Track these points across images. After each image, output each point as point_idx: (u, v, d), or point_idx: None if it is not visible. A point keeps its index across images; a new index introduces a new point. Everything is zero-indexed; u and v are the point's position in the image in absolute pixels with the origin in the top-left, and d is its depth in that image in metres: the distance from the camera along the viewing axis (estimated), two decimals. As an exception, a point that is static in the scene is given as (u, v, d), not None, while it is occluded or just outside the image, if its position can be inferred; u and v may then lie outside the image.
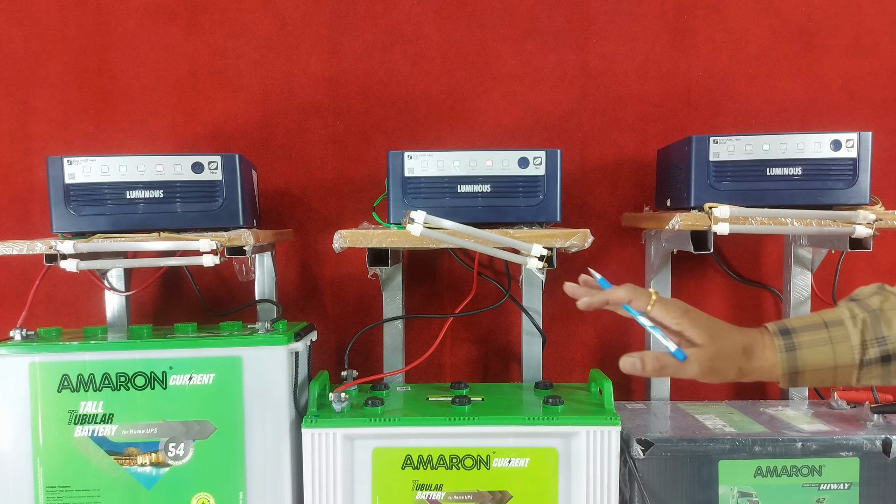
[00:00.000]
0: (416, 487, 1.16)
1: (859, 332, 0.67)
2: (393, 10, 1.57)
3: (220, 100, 1.58)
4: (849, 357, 0.67)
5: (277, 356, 1.20)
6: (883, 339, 0.66)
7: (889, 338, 0.66)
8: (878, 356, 0.66)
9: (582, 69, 1.58)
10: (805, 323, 0.70)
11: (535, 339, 1.46)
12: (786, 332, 0.70)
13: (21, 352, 1.17)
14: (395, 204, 1.26)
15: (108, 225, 1.23)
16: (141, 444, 1.18)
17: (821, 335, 0.68)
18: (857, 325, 0.67)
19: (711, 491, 1.16)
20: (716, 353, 0.70)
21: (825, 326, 0.68)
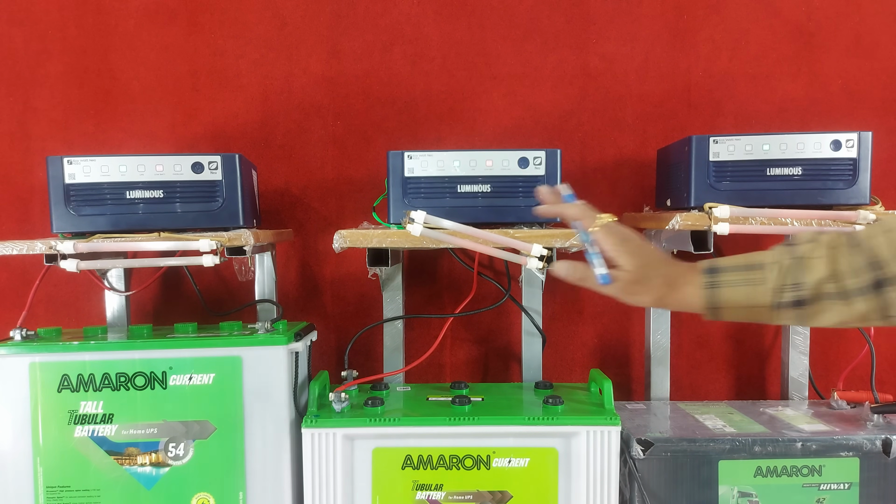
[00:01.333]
0: (416, 487, 1.16)
1: (777, 276, 0.71)
2: (393, 10, 1.57)
3: (220, 100, 1.58)
4: (764, 298, 0.72)
5: (277, 356, 1.20)
6: (799, 285, 0.70)
7: (805, 284, 0.70)
8: (792, 300, 0.70)
9: (582, 69, 1.58)
10: (732, 263, 0.75)
11: (535, 339, 1.46)
12: (712, 271, 0.75)
13: (21, 352, 1.17)
14: (395, 204, 1.26)
15: (108, 225, 1.23)
16: (141, 444, 1.18)
17: (742, 276, 0.73)
18: (777, 270, 0.71)
19: (711, 491, 1.16)
20: (637, 280, 0.76)
21: (748, 268, 0.73)
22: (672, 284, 0.76)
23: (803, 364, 1.46)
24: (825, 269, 0.69)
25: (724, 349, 1.63)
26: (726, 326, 1.62)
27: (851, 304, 0.69)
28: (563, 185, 0.84)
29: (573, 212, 0.79)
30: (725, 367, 1.64)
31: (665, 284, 0.76)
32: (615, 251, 0.76)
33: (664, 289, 0.76)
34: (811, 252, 0.71)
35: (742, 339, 1.63)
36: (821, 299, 0.70)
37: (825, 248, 0.71)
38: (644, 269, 0.76)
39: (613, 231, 0.77)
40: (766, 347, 1.63)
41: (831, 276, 0.69)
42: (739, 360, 1.63)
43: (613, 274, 0.76)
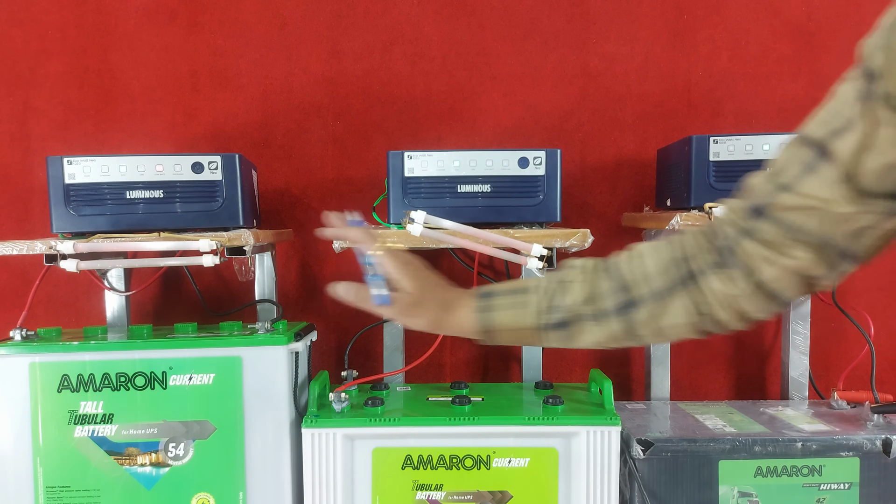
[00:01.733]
0: (416, 487, 1.16)
1: (540, 299, 0.75)
2: (393, 10, 1.57)
3: (220, 100, 1.58)
4: (530, 321, 0.75)
5: (277, 356, 1.20)
6: (559, 308, 0.74)
7: (564, 307, 0.74)
8: (554, 322, 0.74)
9: (582, 69, 1.58)
10: (503, 288, 0.78)
11: (535, 339, 1.46)
12: (485, 296, 0.78)
13: (21, 352, 1.17)
14: (395, 204, 1.26)
15: (108, 225, 1.23)
16: (141, 445, 1.18)
17: (510, 300, 0.76)
18: (541, 293, 0.75)
19: (711, 491, 1.16)
20: (414, 302, 0.78)
21: (515, 293, 0.77)
22: (447, 308, 0.78)
23: (803, 364, 1.46)
24: (582, 292, 0.73)
25: (724, 349, 1.63)
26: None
27: (604, 325, 0.73)
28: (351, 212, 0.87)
29: (354, 235, 0.82)
30: (725, 367, 1.64)
31: (441, 308, 0.78)
32: (397, 274, 0.79)
33: (440, 312, 0.78)
34: (572, 276, 0.75)
35: (742, 339, 1.63)
36: (579, 321, 0.73)
37: (583, 273, 0.75)
38: (422, 291, 0.78)
39: (395, 255, 0.79)
40: (766, 347, 1.63)
41: (587, 299, 0.73)
42: (739, 360, 1.63)
43: (392, 296, 0.79)
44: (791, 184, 0.63)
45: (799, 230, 0.63)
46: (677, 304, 0.70)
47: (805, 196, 0.62)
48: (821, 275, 0.65)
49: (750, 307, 0.69)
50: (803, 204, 0.62)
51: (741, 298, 0.68)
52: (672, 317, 0.71)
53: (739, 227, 0.67)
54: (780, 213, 0.64)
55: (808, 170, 0.62)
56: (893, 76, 0.57)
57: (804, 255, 0.64)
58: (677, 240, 0.73)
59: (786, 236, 0.64)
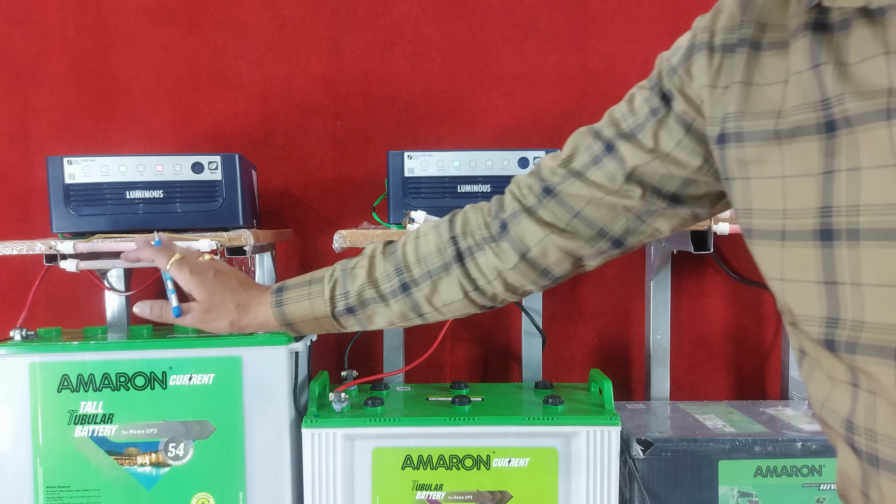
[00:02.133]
0: (416, 487, 1.16)
1: (330, 287, 0.77)
2: (393, 10, 1.57)
3: (220, 100, 1.58)
4: (323, 309, 0.77)
5: (277, 356, 1.20)
6: (346, 294, 0.76)
7: (350, 292, 0.76)
8: (344, 308, 0.77)
9: (582, 69, 1.58)
10: (296, 282, 0.80)
11: (535, 339, 1.46)
12: (279, 290, 0.80)
13: (21, 352, 1.17)
14: (395, 204, 1.26)
15: (108, 225, 1.23)
16: (141, 444, 1.18)
17: (303, 291, 0.79)
18: (330, 282, 0.77)
19: (711, 491, 1.16)
20: (208, 308, 0.80)
21: (309, 284, 0.79)
22: (244, 308, 0.80)
23: (803, 364, 1.46)
24: (364, 276, 0.76)
25: (724, 349, 1.63)
26: (726, 326, 1.62)
27: (390, 306, 0.76)
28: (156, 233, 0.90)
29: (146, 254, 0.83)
30: (725, 367, 1.64)
31: (237, 309, 0.80)
32: (186, 284, 0.80)
33: (237, 312, 0.80)
34: (356, 262, 0.78)
35: (742, 339, 1.63)
36: (366, 304, 0.76)
37: (366, 259, 0.77)
38: (214, 297, 0.80)
39: (184, 266, 0.81)
40: (766, 347, 1.63)
41: (371, 283, 0.76)
42: (739, 360, 1.63)
43: (185, 306, 0.81)
44: (581, 171, 0.67)
45: (580, 215, 0.67)
46: (452, 281, 0.74)
47: (592, 185, 0.66)
48: (588, 255, 0.70)
49: (519, 280, 0.72)
50: (589, 194, 0.66)
51: (510, 272, 0.71)
52: (446, 295, 0.74)
53: (523, 204, 0.70)
54: (567, 197, 0.68)
55: (595, 161, 0.67)
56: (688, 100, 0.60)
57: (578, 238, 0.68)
58: (458, 216, 0.76)
59: (568, 220, 0.68)
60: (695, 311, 1.61)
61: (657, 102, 0.65)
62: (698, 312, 1.62)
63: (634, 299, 1.61)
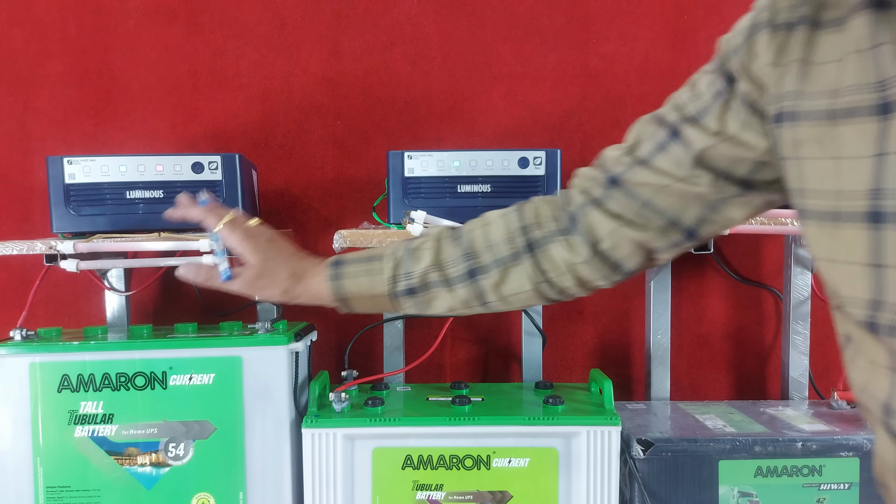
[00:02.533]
0: (417, 487, 1.16)
1: (392, 266, 0.75)
2: (393, 10, 1.57)
3: (220, 100, 1.58)
4: (382, 288, 0.76)
5: (277, 356, 1.20)
6: (409, 275, 0.74)
7: (413, 273, 0.74)
8: (404, 289, 0.75)
9: (582, 69, 1.58)
10: (354, 257, 0.79)
11: (536, 339, 1.46)
12: (337, 264, 0.79)
13: (21, 352, 1.17)
14: (395, 204, 1.26)
15: (108, 225, 1.23)
16: (141, 444, 1.18)
17: (362, 267, 0.77)
18: (392, 261, 0.76)
19: (712, 491, 1.16)
20: (261, 273, 0.78)
21: (368, 260, 0.77)
22: (298, 277, 0.79)
23: (803, 364, 1.46)
24: (430, 258, 0.74)
25: (724, 349, 1.63)
26: (726, 326, 1.62)
27: (454, 291, 0.74)
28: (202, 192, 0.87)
29: (196, 214, 0.81)
30: (725, 367, 1.64)
31: (291, 277, 0.78)
32: (239, 247, 0.78)
33: (290, 281, 0.78)
34: (421, 244, 0.76)
35: (742, 339, 1.63)
36: (429, 287, 0.74)
37: (432, 241, 0.76)
38: (268, 262, 0.78)
39: (237, 228, 0.79)
40: (766, 347, 1.63)
41: (436, 265, 0.74)
42: (739, 360, 1.63)
43: (237, 270, 0.78)
44: (647, 159, 0.66)
45: (649, 205, 0.66)
46: (521, 271, 0.72)
47: (659, 172, 0.65)
48: (661, 248, 0.68)
49: (590, 275, 0.71)
50: (657, 181, 0.65)
51: (581, 266, 0.70)
52: (516, 284, 0.73)
53: (590, 195, 0.69)
54: (634, 186, 0.66)
55: (661, 148, 0.66)
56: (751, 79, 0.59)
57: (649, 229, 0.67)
58: (528, 206, 0.74)
59: (637, 210, 0.66)
60: (695, 311, 1.61)
61: (722, 84, 0.63)
62: (698, 312, 1.62)
63: (634, 299, 1.61)
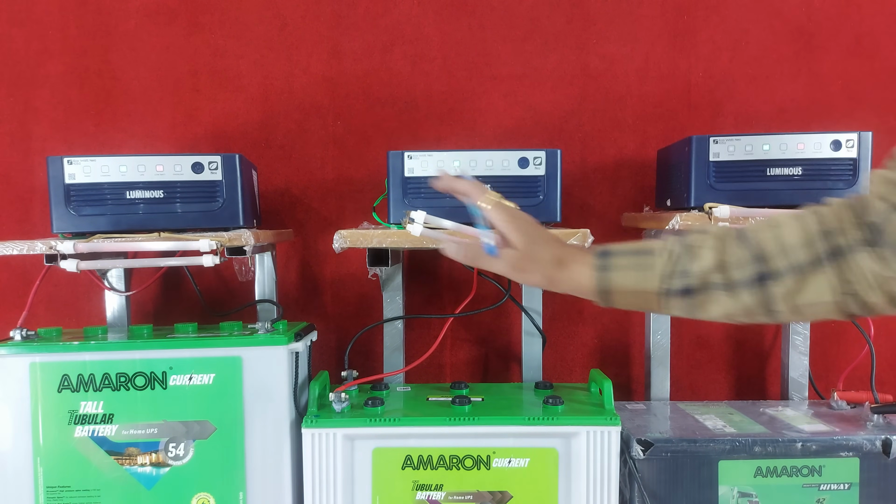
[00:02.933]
0: (417, 487, 1.16)
1: (666, 262, 0.71)
2: (393, 10, 1.57)
3: (221, 100, 1.58)
4: (652, 285, 0.71)
5: (277, 356, 1.20)
6: (686, 273, 0.69)
7: (692, 272, 0.69)
8: (679, 288, 0.70)
9: (582, 69, 1.58)
10: (624, 248, 0.75)
11: (535, 340, 1.46)
12: (604, 254, 0.75)
13: (21, 352, 1.17)
14: (395, 204, 1.26)
15: (108, 225, 1.23)
16: (141, 444, 1.18)
17: (632, 260, 0.73)
18: (666, 256, 0.71)
19: (711, 491, 1.16)
20: (525, 256, 0.76)
21: (638, 253, 0.73)
22: (562, 264, 0.76)
23: (803, 364, 1.46)
24: (712, 258, 0.69)
25: (724, 349, 1.63)
26: (726, 326, 1.62)
27: (737, 296, 0.68)
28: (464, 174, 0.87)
29: (463, 186, 0.81)
30: (725, 367, 1.64)
31: (555, 263, 0.76)
32: (505, 227, 0.77)
33: (554, 268, 0.76)
34: (701, 241, 0.71)
35: (742, 339, 1.63)
36: (707, 289, 0.69)
37: (714, 239, 0.70)
38: (533, 245, 0.76)
39: (503, 208, 0.78)
40: (766, 347, 1.63)
41: (718, 267, 0.69)
42: (739, 360, 1.63)
43: (502, 252, 0.77)
44: None
45: None
46: (821, 280, 0.65)
47: None
48: None
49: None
50: None
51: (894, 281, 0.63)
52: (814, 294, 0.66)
53: (892, 202, 0.62)
54: None
55: None
56: None
57: None
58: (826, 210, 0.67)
59: None
60: (695, 311, 1.61)
61: None
62: (698, 312, 1.61)
63: (634, 299, 1.60)
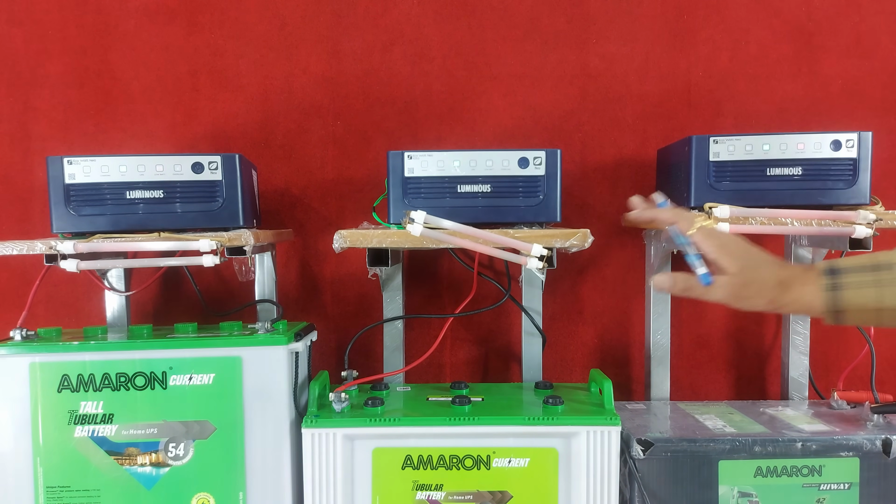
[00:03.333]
0: (417, 487, 1.16)
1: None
2: (393, 10, 1.57)
3: (220, 100, 1.58)
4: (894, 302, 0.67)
5: (277, 356, 1.20)
6: None
7: None
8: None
9: (582, 69, 1.58)
10: (855, 264, 0.71)
11: (535, 339, 1.46)
12: (833, 272, 0.71)
13: (21, 352, 1.17)
14: (395, 204, 1.26)
15: (108, 225, 1.23)
16: (141, 445, 1.18)
17: (868, 277, 0.69)
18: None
19: (711, 491, 1.16)
20: (744, 283, 0.73)
21: (875, 269, 0.69)
22: (786, 286, 0.72)
23: (803, 364, 1.46)
24: None
25: (724, 349, 1.63)
26: (726, 326, 1.62)
27: None
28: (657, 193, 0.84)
29: (667, 216, 0.78)
30: (725, 367, 1.64)
31: (778, 286, 0.73)
32: (717, 254, 0.74)
33: (777, 291, 0.72)
34: None
35: (742, 339, 1.63)
36: None
37: None
38: (749, 271, 0.73)
39: (712, 234, 0.75)
40: (766, 347, 1.63)
41: None
42: (739, 360, 1.63)
43: (718, 279, 0.74)
44: None
45: None
46: None
47: None
48: None
49: None
50: None
51: None
52: None
53: None
54: None
55: None
56: None
57: None
58: None
59: None
60: (695, 311, 1.61)
61: None
62: (698, 312, 1.62)
63: (634, 299, 1.61)
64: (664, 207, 0.80)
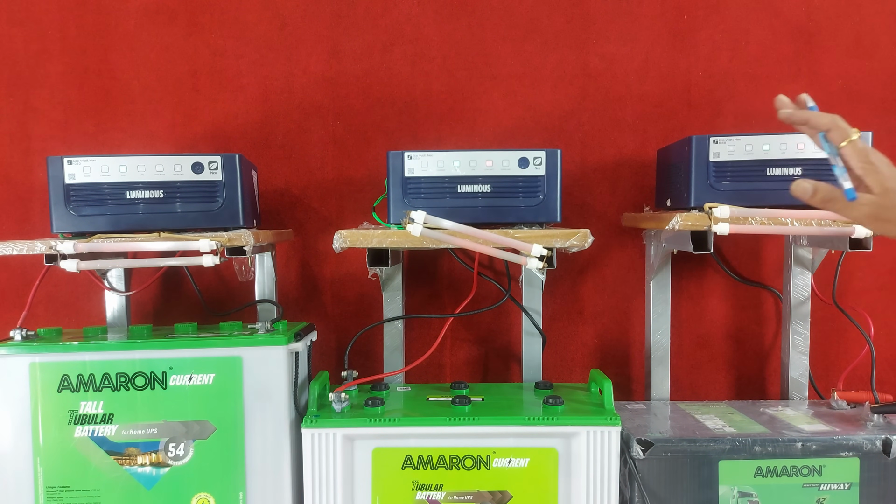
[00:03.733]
0: (416, 487, 1.16)
1: None
2: (393, 10, 1.57)
3: (220, 100, 1.58)
4: None
5: (277, 356, 1.20)
6: None
7: None
8: None
9: (582, 69, 1.58)
10: None
11: (535, 339, 1.46)
12: None
13: (21, 352, 1.17)
14: (395, 204, 1.26)
15: (108, 225, 1.23)
16: (141, 445, 1.18)
17: None
18: None
19: (711, 491, 1.16)
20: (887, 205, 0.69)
21: None
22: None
23: (803, 364, 1.46)
24: None
25: (724, 349, 1.63)
26: (726, 326, 1.62)
27: None
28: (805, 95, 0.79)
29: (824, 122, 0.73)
30: (725, 367, 1.64)
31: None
32: (864, 171, 0.70)
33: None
34: None
35: (742, 339, 1.63)
36: None
37: None
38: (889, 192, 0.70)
39: (862, 150, 0.71)
40: (766, 347, 1.63)
41: None
42: (739, 360, 1.63)
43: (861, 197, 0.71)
44: None
45: None
46: None
47: None
48: None
49: None
50: None
51: None
52: None
53: None
54: None
55: None
56: None
57: None
58: None
59: None
60: (695, 311, 1.61)
61: None
62: (698, 312, 1.62)
63: (634, 299, 1.61)
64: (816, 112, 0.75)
